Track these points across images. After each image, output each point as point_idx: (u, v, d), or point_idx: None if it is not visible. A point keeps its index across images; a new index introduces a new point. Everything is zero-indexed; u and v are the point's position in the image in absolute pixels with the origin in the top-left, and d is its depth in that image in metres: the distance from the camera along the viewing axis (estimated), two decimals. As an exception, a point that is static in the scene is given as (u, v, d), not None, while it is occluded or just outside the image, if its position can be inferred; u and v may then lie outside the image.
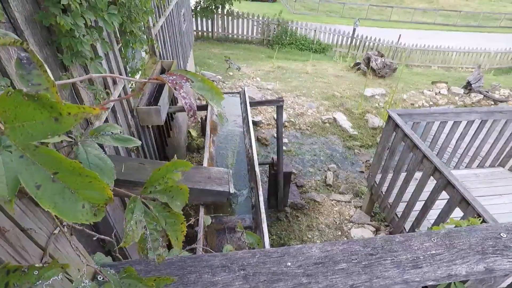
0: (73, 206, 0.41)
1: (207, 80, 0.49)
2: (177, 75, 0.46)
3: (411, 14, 22.91)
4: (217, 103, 0.49)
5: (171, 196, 0.58)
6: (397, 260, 0.61)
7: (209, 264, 0.62)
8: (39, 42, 1.62)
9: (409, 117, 3.73)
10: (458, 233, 0.66)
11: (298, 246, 0.64)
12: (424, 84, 10.29)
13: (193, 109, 0.44)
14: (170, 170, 0.60)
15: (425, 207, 3.09)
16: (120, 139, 0.62)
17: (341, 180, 5.60)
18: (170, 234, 0.58)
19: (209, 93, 0.49)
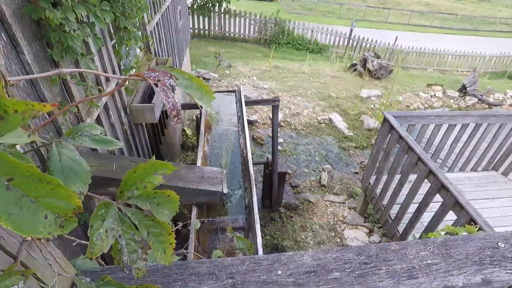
0: (33, 218, 0.36)
1: (195, 78, 0.45)
2: (160, 71, 0.43)
3: (408, 16, 23.04)
4: (206, 103, 0.46)
5: (156, 203, 0.54)
6: (392, 269, 0.59)
7: (196, 271, 0.59)
8: (28, 37, 1.57)
9: (404, 119, 3.73)
10: (455, 242, 0.64)
11: (289, 253, 0.62)
12: (420, 87, 10.35)
13: (177, 109, 0.41)
14: (149, 173, 0.56)
15: (418, 209, 3.10)
16: (99, 141, 0.58)
17: (335, 181, 5.60)
18: (154, 246, 0.53)
19: (197, 92, 0.45)
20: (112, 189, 1.90)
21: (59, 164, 0.48)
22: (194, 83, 0.45)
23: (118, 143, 0.61)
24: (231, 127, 3.25)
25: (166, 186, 1.97)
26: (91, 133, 0.58)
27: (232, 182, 2.59)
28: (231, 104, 3.73)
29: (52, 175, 0.49)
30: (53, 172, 0.49)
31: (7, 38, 1.45)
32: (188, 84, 0.45)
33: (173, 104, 0.40)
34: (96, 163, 1.86)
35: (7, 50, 1.45)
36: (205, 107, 0.46)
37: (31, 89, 1.61)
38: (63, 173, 0.48)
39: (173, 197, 0.56)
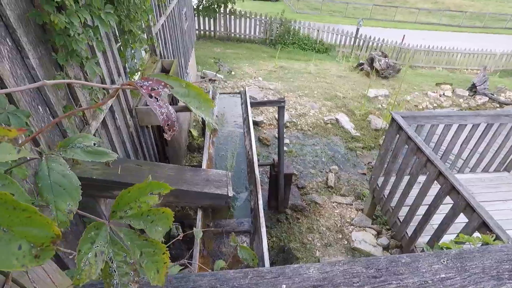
0: (5, 249, 0.33)
1: (193, 86, 0.43)
2: (154, 80, 0.40)
3: (416, 14, 22.74)
4: (205, 112, 0.43)
5: (150, 221, 0.51)
6: (403, 284, 0.55)
7: (197, 285, 0.57)
8: (33, 41, 1.57)
9: (413, 119, 3.66)
10: (470, 254, 0.60)
11: (294, 266, 0.59)
12: (428, 86, 10.19)
13: (171, 120, 0.38)
14: (144, 193, 0.54)
15: (428, 212, 3.03)
16: (93, 152, 0.56)
17: (342, 182, 5.54)
18: (147, 266, 0.50)
19: (195, 100, 0.43)
20: (117, 192, 1.89)
21: (48, 180, 0.46)
22: (191, 91, 0.43)
23: (112, 155, 0.58)
24: (236, 129, 3.23)
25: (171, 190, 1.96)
26: (84, 144, 0.56)
27: (237, 184, 2.57)
28: (237, 105, 3.71)
29: (40, 191, 0.47)
30: (41, 189, 0.47)
31: (12, 43, 1.45)
32: (185, 92, 0.42)
33: (167, 115, 0.38)
34: (101, 166, 1.86)
35: (12, 55, 1.45)
36: (203, 117, 0.43)
37: (36, 94, 1.61)
38: (52, 190, 0.46)
39: (167, 213, 0.53)
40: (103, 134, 2.36)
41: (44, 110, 1.66)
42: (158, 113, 0.38)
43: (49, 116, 1.70)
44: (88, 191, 1.82)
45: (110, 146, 2.46)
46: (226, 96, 3.99)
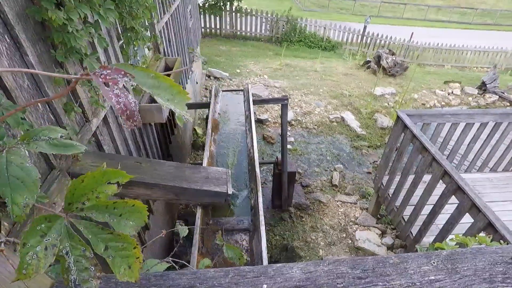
0: None
1: (163, 77, 0.41)
2: (113, 69, 0.39)
3: (425, 11, 22.37)
4: (179, 105, 0.41)
5: (118, 214, 0.50)
6: (389, 286, 0.53)
7: (175, 283, 0.55)
8: (32, 38, 1.58)
9: (419, 117, 3.60)
10: (462, 255, 0.57)
11: (277, 265, 0.57)
12: (437, 84, 10.02)
13: (130, 110, 0.36)
14: (100, 182, 0.51)
15: (433, 211, 2.98)
16: (57, 145, 0.54)
17: (347, 181, 5.49)
18: (115, 261, 0.49)
19: (166, 92, 0.41)
20: (117, 189, 1.89)
21: (5, 173, 0.45)
22: (162, 83, 0.41)
23: (79, 147, 0.57)
24: (238, 127, 3.22)
25: (170, 187, 1.96)
26: (49, 136, 0.54)
27: (238, 182, 2.56)
28: (239, 103, 3.70)
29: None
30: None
31: (10, 40, 1.46)
32: (154, 84, 0.40)
33: (124, 104, 0.37)
34: (100, 163, 1.86)
35: (11, 52, 1.46)
36: (177, 110, 0.41)
37: (35, 90, 1.62)
38: (9, 183, 0.45)
39: (139, 206, 0.52)
40: (105, 131, 2.37)
41: (44, 107, 1.67)
42: (114, 102, 0.37)
43: (48, 113, 1.71)
44: (88, 187, 1.82)
45: (111, 143, 2.47)
46: (229, 94, 3.98)
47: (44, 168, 1.67)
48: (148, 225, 3.29)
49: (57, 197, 1.67)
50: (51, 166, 1.72)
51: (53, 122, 1.73)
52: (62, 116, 1.77)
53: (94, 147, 2.21)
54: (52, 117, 1.73)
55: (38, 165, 1.63)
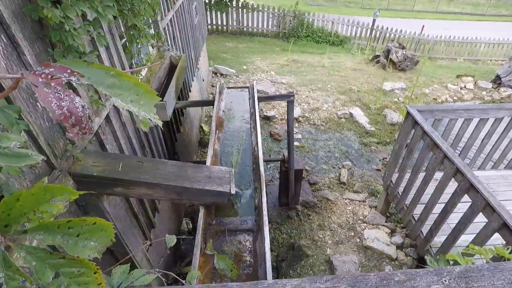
0: None
1: (126, 75, 0.36)
2: (57, 66, 0.33)
3: (437, 3, 21.79)
4: (145, 106, 0.36)
5: (74, 234, 0.44)
6: (394, 306, 0.48)
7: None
8: (30, 37, 1.56)
9: (430, 113, 3.48)
10: (478, 272, 0.51)
11: (269, 281, 0.52)
12: (449, 78, 9.75)
13: (76, 116, 0.31)
14: (42, 200, 0.45)
15: (444, 210, 2.88)
16: (10, 155, 0.48)
17: (356, 178, 5.39)
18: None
19: (130, 92, 0.36)
20: (118, 189, 1.88)
21: None
22: (125, 82, 0.36)
23: (35, 158, 0.52)
24: (243, 124, 3.17)
25: (172, 187, 1.92)
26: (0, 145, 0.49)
27: (242, 181, 2.52)
28: (245, 100, 3.64)
29: None
30: None
31: (7, 39, 1.43)
32: (114, 83, 0.35)
33: (69, 110, 0.31)
34: (102, 163, 1.84)
35: (7, 51, 1.44)
36: (141, 112, 0.36)
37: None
38: None
39: (102, 224, 0.46)
40: (107, 130, 2.35)
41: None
42: (54, 107, 0.31)
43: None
44: (89, 188, 1.81)
45: (115, 142, 2.45)
46: (234, 91, 3.92)
47: (44, 168, 1.65)
48: (154, 224, 3.29)
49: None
50: (52, 166, 1.70)
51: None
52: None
53: (97, 146, 2.19)
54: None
55: (38, 165, 1.62)
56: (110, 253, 2.31)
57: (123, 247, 2.32)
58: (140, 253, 2.64)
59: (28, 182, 1.55)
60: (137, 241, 2.56)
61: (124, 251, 2.36)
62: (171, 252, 3.91)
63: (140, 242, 2.63)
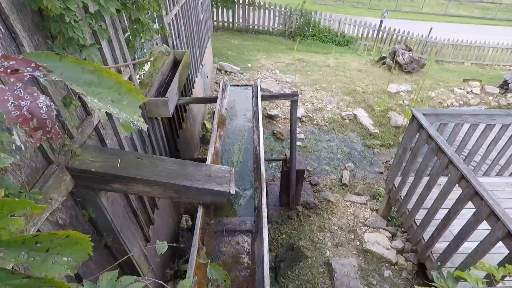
0: None
1: (107, 71, 0.32)
2: (18, 59, 0.29)
3: (445, 6, 21.55)
4: (128, 107, 0.32)
5: (43, 249, 0.39)
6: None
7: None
8: (29, 28, 1.52)
9: (435, 117, 3.43)
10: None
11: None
12: (455, 82, 9.64)
13: (38, 118, 0.26)
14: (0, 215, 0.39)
15: (447, 217, 2.82)
16: None
17: (358, 180, 5.34)
18: None
19: (111, 91, 0.31)
20: (116, 186, 1.85)
21: None
22: (105, 79, 0.31)
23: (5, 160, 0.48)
24: (246, 123, 3.13)
25: (171, 185, 1.89)
26: None
27: (243, 181, 2.48)
28: (248, 98, 3.60)
29: None
30: None
31: (5, 29, 1.40)
32: (91, 80, 0.31)
33: (30, 110, 0.27)
34: (100, 159, 1.82)
35: (6, 42, 1.41)
36: (123, 114, 0.32)
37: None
38: None
39: (77, 237, 0.41)
40: (108, 125, 2.32)
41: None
42: (9, 108, 0.27)
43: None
44: (87, 183, 1.78)
45: (115, 137, 2.43)
46: (238, 88, 3.88)
47: (41, 163, 1.63)
48: (152, 220, 3.26)
49: (53, 193, 1.62)
50: (49, 161, 1.67)
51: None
52: (61, 109, 1.72)
53: (96, 141, 2.17)
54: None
55: (34, 159, 1.59)
56: (108, 250, 2.29)
57: (121, 244, 2.30)
58: (138, 249, 2.62)
59: (24, 177, 1.53)
60: (135, 238, 2.53)
61: (122, 248, 2.33)
62: (170, 248, 3.90)
63: (138, 239, 2.61)
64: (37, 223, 1.52)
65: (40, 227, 1.56)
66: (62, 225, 1.79)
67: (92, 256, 2.13)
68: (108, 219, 2.13)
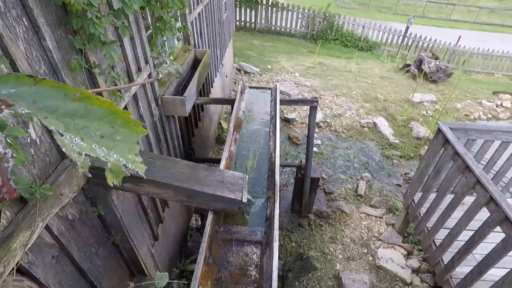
0: None
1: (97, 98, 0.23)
2: None
3: (476, 13, 20.68)
4: (123, 145, 0.24)
5: None
6: None
7: None
8: (53, 22, 1.51)
9: (463, 132, 3.23)
10: None
11: None
12: (484, 94, 9.20)
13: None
14: None
15: (471, 240, 2.65)
16: None
17: (374, 192, 5.15)
18: None
19: (101, 124, 0.23)
20: (127, 185, 1.82)
21: None
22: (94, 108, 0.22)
23: None
24: (262, 127, 3.06)
25: (182, 189, 1.84)
26: None
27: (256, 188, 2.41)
28: (266, 102, 3.53)
29: None
30: None
31: (29, 23, 1.39)
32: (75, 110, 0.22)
33: None
34: (113, 157, 1.79)
35: (28, 35, 1.39)
36: (114, 156, 0.25)
37: (52, 77, 1.56)
38: None
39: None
40: (124, 122, 2.30)
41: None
42: None
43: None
44: (98, 180, 1.76)
45: (130, 135, 2.41)
46: (256, 91, 3.81)
47: (55, 157, 1.62)
48: (162, 219, 3.25)
49: (65, 188, 1.61)
50: (63, 155, 1.66)
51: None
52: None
53: (112, 138, 2.15)
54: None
55: (49, 153, 1.58)
56: (115, 247, 2.28)
57: (129, 242, 2.28)
58: (145, 248, 2.60)
59: (37, 170, 1.52)
60: (143, 237, 2.51)
61: (129, 247, 2.31)
62: (178, 247, 3.88)
63: (146, 237, 2.58)
64: (46, 217, 1.51)
65: (49, 222, 1.55)
66: (72, 220, 1.77)
67: (98, 252, 2.13)
68: (117, 217, 2.11)
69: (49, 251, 1.57)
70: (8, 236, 1.25)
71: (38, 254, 1.48)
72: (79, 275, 1.84)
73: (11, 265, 1.23)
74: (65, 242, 1.67)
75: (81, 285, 1.87)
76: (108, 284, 2.15)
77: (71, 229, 1.74)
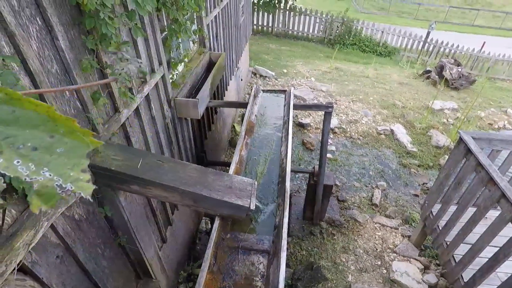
0: None
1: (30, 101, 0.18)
2: None
3: (501, 19, 19.90)
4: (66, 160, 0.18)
5: None
6: None
7: None
8: (66, 22, 1.52)
9: (487, 142, 3.06)
10: None
11: None
12: (509, 102, 8.79)
13: None
14: None
15: (495, 258, 2.48)
16: None
17: (389, 201, 4.97)
18: None
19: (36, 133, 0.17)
20: (135, 187, 1.80)
21: None
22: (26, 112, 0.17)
23: None
24: (274, 132, 2.99)
25: (189, 193, 1.80)
26: None
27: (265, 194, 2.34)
28: (279, 106, 3.47)
29: None
30: None
31: (42, 22, 1.40)
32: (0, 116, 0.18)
33: None
34: (121, 157, 1.77)
35: (41, 35, 1.40)
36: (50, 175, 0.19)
37: (64, 76, 1.56)
38: None
39: None
40: (135, 123, 2.31)
41: (71, 94, 1.61)
42: None
43: (75, 101, 1.65)
44: (106, 181, 1.75)
45: (141, 135, 2.41)
46: (270, 95, 3.76)
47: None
48: (171, 221, 3.23)
49: (73, 189, 1.60)
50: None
51: (79, 110, 1.67)
52: (89, 104, 1.71)
53: (122, 138, 2.15)
54: (79, 104, 1.67)
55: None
56: (121, 248, 2.26)
57: (135, 244, 2.26)
58: (152, 250, 2.58)
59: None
60: (151, 239, 2.49)
61: (136, 249, 2.30)
62: (186, 250, 3.85)
63: (153, 240, 2.56)
64: (51, 217, 1.50)
65: (55, 221, 1.54)
66: (78, 220, 1.77)
67: (104, 253, 2.11)
68: (124, 218, 2.09)
69: (54, 251, 1.56)
70: (12, 234, 1.25)
71: (42, 254, 1.47)
72: (84, 275, 1.82)
73: (13, 264, 1.22)
74: (71, 242, 1.66)
75: (85, 286, 1.85)
76: (113, 285, 2.14)
77: (77, 229, 1.73)
